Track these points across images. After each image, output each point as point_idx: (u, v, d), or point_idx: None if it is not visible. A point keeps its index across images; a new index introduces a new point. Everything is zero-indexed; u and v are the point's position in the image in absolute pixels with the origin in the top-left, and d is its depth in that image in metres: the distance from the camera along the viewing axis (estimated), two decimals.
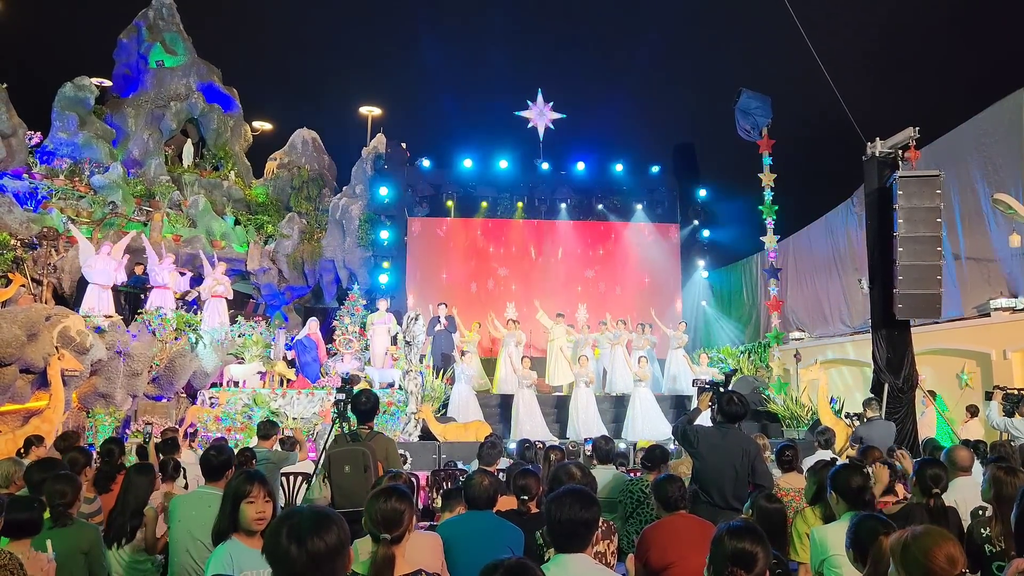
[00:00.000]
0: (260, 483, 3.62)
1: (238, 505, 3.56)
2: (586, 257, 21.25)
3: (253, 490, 3.57)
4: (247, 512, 3.54)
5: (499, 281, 20.88)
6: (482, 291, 20.69)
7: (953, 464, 5.37)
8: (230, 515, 3.57)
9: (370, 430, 6.23)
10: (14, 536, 4.08)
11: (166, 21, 22.66)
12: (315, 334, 16.10)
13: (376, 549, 3.26)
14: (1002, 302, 13.43)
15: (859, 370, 16.39)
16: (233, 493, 3.59)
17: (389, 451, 6.08)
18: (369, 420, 6.27)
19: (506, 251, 21.14)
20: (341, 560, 2.38)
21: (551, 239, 21.29)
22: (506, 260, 21.10)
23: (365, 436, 6.05)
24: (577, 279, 21.00)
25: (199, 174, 21.65)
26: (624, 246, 21.39)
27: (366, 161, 21.75)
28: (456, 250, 21.08)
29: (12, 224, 15.89)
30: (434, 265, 20.88)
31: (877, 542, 3.13)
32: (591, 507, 3.27)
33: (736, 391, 6.23)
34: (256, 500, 3.56)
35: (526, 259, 21.18)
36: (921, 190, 10.54)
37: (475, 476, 4.61)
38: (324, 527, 2.37)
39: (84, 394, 12.28)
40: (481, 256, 21.09)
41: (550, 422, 15.44)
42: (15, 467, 5.46)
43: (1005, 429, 9.59)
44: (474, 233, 21.21)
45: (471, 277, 20.86)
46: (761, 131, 18.55)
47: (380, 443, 6.07)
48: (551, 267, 21.10)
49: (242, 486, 3.59)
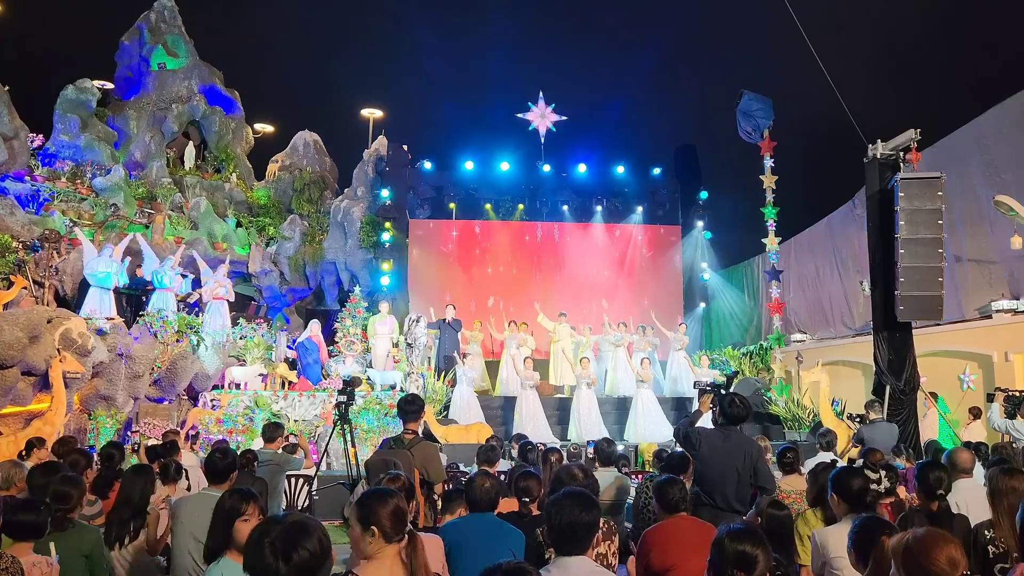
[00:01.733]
0: (253, 501, 3.64)
1: (232, 523, 3.56)
2: (587, 259, 21.24)
3: (248, 508, 3.59)
4: (242, 530, 3.52)
5: (500, 283, 20.88)
6: (483, 294, 20.68)
7: (954, 466, 5.36)
8: (223, 533, 3.57)
9: (415, 435, 6.14)
10: (17, 538, 4.08)
11: (168, 23, 22.67)
12: (316, 336, 16.10)
13: None
14: (1003, 304, 13.43)
15: (861, 372, 16.37)
16: (228, 511, 3.59)
17: (428, 459, 5.97)
18: (412, 423, 6.19)
19: (507, 253, 21.14)
20: (327, 565, 2.43)
21: (552, 241, 21.29)
22: (507, 262, 21.09)
23: (408, 442, 6.00)
24: (579, 281, 20.99)
25: (201, 176, 21.66)
26: (625, 248, 21.38)
27: (368, 163, 21.77)
28: (457, 252, 21.09)
29: (14, 226, 15.90)
30: (435, 267, 20.88)
31: (879, 543, 3.13)
32: (591, 510, 3.27)
33: (738, 393, 6.23)
34: (251, 518, 3.57)
35: (527, 261, 21.18)
36: (922, 192, 10.54)
37: (477, 478, 4.61)
38: (305, 536, 2.41)
39: (86, 396, 12.29)
40: (482, 258, 21.09)
41: (552, 424, 15.44)
42: (16, 469, 5.47)
43: (1006, 431, 9.60)
44: (475, 235, 21.22)
45: (472, 279, 20.86)
46: (762, 133, 18.55)
47: (420, 451, 5.97)
48: (552, 269, 21.10)
49: (237, 505, 3.60)
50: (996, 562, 3.98)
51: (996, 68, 19.23)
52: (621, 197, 21.44)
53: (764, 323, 20.24)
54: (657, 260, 21.34)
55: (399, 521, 2.95)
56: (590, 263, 21.20)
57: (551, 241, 21.29)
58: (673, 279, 21.25)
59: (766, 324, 19.80)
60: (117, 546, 5.15)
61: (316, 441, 13.29)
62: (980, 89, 18.15)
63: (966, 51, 21.91)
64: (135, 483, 5.35)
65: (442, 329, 17.03)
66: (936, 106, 19.31)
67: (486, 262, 21.06)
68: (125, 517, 5.24)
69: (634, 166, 21.32)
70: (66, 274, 16.05)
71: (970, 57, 21.64)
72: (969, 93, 19.10)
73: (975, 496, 4.97)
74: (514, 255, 21.16)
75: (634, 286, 21.06)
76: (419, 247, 20.88)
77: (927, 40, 22.49)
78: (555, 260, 21.18)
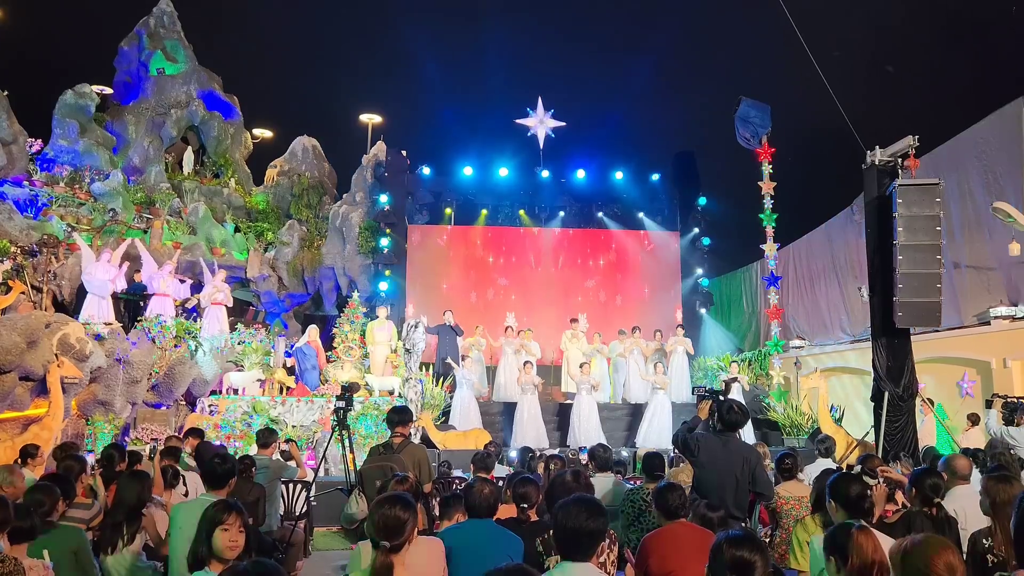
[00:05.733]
0: (238, 513, 3.68)
1: (212, 531, 3.61)
2: (586, 265, 21.26)
3: (229, 519, 3.63)
4: (220, 538, 3.59)
5: (499, 289, 20.89)
6: (482, 299, 20.69)
7: (952, 472, 5.36)
8: (205, 540, 3.63)
9: (403, 439, 6.21)
10: (13, 540, 4.17)
11: (167, 29, 22.71)
12: (315, 342, 16.08)
13: (375, 556, 3.26)
14: (1002, 310, 13.44)
15: (859, 378, 16.38)
16: (209, 520, 3.65)
17: (420, 461, 6.04)
18: (400, 428, 6.25)
19: (506, 259, 21.15)
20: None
21: (551, 247, 21.29)
22: (506, 268, 21.11)
23: (397, 447, 6.04)
24: (577, 287, 21.02)
25: (199, 181, 21.67)
26: (624, 254, 21.40)
27: (366, 169, 21.78)
28: (456, 258, 21.09)
29: (12, 231, 15.90)
30: (434, 273, 20.89)
31: (851, 537, 3.11)
32: (598, 517, 3.28)
33: (736, 399, 6.25)
34: (230, 528, 3.62)
35: (526, 267, 21.19)
36: (921, 198, 10.54)
37: (476, 484, 4.61)
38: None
39: (83, 401, 12.26)
40: (481, 264, 21.10)
41: (551, 430, 15.42)
42: (9, 475, 5.48)
43: (1000, 437, 9.60)
44: (474, 241, 21.23)
45: (471, 285, 20.87)
46: (761, 139, 18.56)
47: (409, 454, 6.04)
48: (551, 275, 21.10)
49: (219, 514, 3.65)
50: (995, 570, 3.97)
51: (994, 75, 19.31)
52: (620, 203, 21.46)
53: (763, 329, 20.25)
54: (656, 266, 21.35)
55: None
56: (588, 269, 21.20)
57: (549, 247, 21.29)
58: (672, 285, 21.25)
59: (765, 330, 19.82)
60: (109, 550, 5.14)
61: (314, 447, 13.27)
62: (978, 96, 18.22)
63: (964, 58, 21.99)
64: (130, 487, 5.34)
65: (441, 334, 17.02)
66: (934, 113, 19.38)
67: (484, 268, 21.06)
68: (119, 521, 5.24)
69: (633, 172, 21.34)
70: (64, 279, 16.04)
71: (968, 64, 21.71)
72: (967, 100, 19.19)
73: (973, 503, 4.96)
74: (512, 261, 21.16)
75: (633, 292, 21.07)
76: (417, 253, 20.88)
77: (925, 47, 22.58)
78: (553, 266, 21.18)
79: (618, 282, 21.25)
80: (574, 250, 21.34)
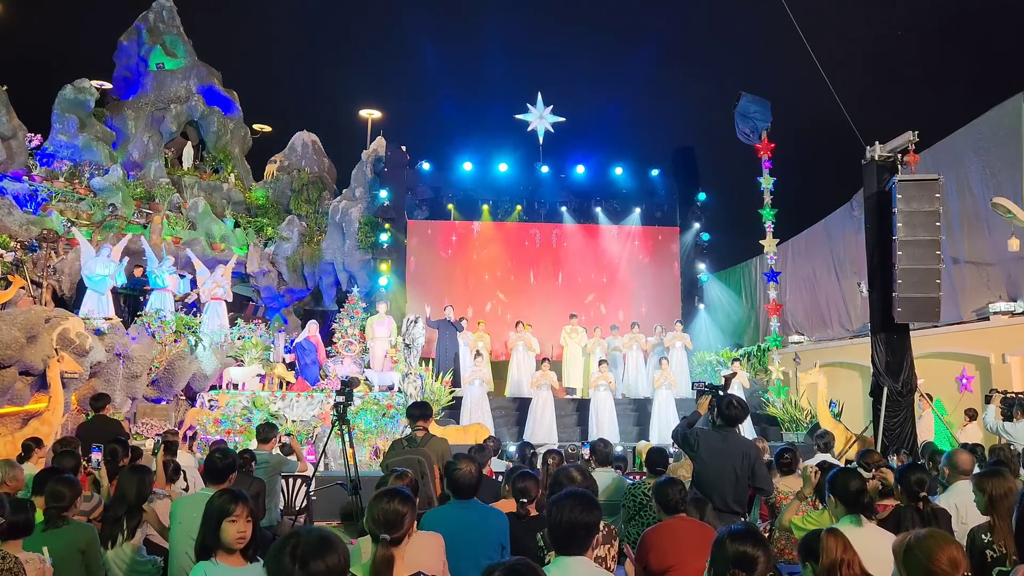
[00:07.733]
0: (244, 503, 3.67)
1: (220, 522, 3.61)
2: (585, 260, 21.24)
3: (236, 509, 3.63)
4: (228, 530, 3.59)
5: (498, 284, 20.88)
6: (481, 295, 20.68)
7: (954, 467, 5.36)
8: (212, 531, 3.62)
9: (425, 432, 6.20)
10: (7, 536, 4.13)
11: (166, 24, 22.67)
12: (314, 337, 16.09)
13: (376, 550, 3.27)
14: (1001, 306, 13.45)
15: (858, 374, 16.40)
16: (217, 511, 3.64)
17: (444, 454, 6.03)
18: (422, 422, 6.25)
19: (505, 255, 21.13)
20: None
21: (550, 242, 21.28)
22: (505, 264, 21.09)
23: (420, 440, 6.03)
24: (577, 282, 21.00)
25: (199, 176, 21.65)
26: (623, 249, 21.39)
27: (366, 164, 21.76)
28: (456, 253, 21.08)
29: (12, 226, 15.88)
30: (433, 268, 20.88)
31: (819, 539, 3.18)
32: (592, 511, 3.28)
33: (735, 395, 6.26)
34: (238, 519, 3.62)
35: (525, 263, 21.17)
36: (920, 194, 10.53)
37: (459, 463, 4.58)
38: (327, 550, 2.51)
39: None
40: (480, 259, 21.08)
41: (570, 425, 15.61)
42: (9, 469, 5.47)
43: (997, 432, 9.62)
44: (473, 236, 21.21)
45: (471, 280, 20.86)
46: (760, 135, 18.53)
47: (435, 446, 6.03)
48: (550, 271, 21.09)
49: (226, 505, 3.64)
50: (994, 565, 3.98)
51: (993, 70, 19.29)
52: (619, 198, 21.43)
53: (762, 325, 20.25)
54: (655, 261, 21.35)
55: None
56: (588, 264, 21.20)
57: (549, 242, 21.28)
58: (671, 280, 21.26)
59: (764, 326, 19.81)
60: (110, 544, 5.14)
61: (314, 442, 13.28)
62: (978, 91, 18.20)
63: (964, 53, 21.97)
64: (131, 482, 5.34)
65: (441, 328, 17.03)
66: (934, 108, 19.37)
67: (484, 263, 21.05)
68: (119, 515, 5.24)
69: (632, 167, 21.32)
70: (64, 274, 16.03)
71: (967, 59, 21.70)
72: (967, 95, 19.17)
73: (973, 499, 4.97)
74: (512, 256, 21.15)
75: (632, 287, 21.07)
76: (417, 248, 20.87)
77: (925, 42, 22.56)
78: (553, 261, 21.17)
79: (617, 277, 21.23)
80: (573, 245, 21.32)
